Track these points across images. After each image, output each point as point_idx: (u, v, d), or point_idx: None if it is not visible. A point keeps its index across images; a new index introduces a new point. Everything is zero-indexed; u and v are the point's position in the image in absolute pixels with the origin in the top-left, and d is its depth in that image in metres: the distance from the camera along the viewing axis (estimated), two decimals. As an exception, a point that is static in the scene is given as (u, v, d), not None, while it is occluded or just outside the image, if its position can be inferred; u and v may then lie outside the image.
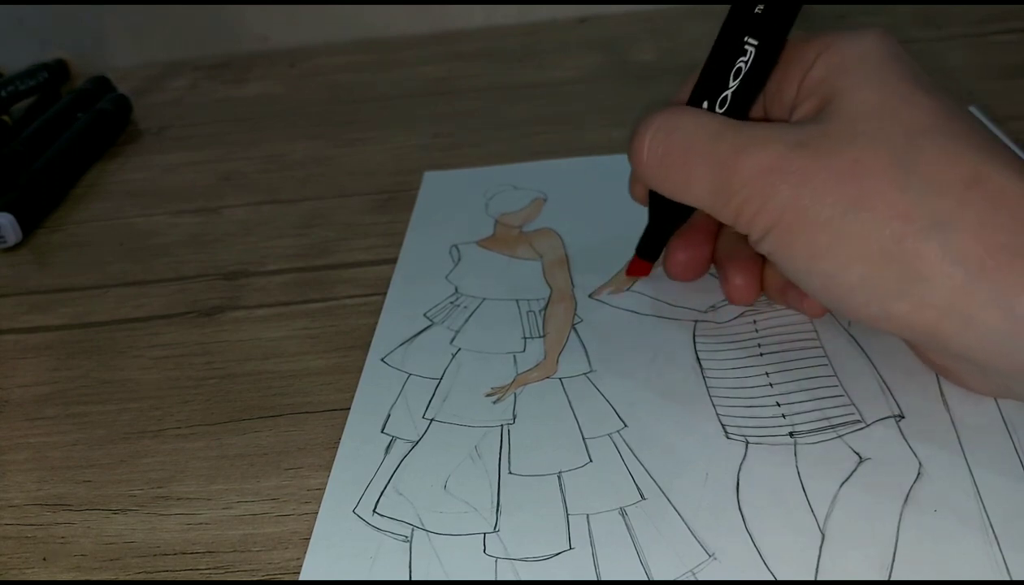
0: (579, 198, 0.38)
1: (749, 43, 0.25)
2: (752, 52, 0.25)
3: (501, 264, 0.35)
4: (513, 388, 0.28)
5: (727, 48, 0.25)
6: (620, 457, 0.25)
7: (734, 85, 0.25)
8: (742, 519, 0.23)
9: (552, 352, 0.30)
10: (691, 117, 0.25)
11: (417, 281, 0.34)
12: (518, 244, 0.36)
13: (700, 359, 0.28)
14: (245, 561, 0.24)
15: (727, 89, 0.26)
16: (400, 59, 0.57)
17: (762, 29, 0.25)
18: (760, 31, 0.25)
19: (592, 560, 0.23)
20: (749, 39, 0.25)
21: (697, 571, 0.22)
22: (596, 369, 0.29)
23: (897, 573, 0.21)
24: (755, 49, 0.25)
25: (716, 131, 0.24)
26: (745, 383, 0.27)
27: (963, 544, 0.22)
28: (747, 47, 0.25)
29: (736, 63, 0.25)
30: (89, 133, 0.49)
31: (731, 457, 0.25)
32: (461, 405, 0.28)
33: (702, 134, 0.24)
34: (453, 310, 0.32)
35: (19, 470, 0.28)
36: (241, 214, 0.42)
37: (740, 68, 0.25)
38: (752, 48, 0.25)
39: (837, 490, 0.23)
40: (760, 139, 0.23)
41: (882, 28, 0.25)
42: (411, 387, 0.29)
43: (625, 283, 0.32)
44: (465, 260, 0.35)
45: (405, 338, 0.31)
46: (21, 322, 0.36)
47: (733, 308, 0.30)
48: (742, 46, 0.25)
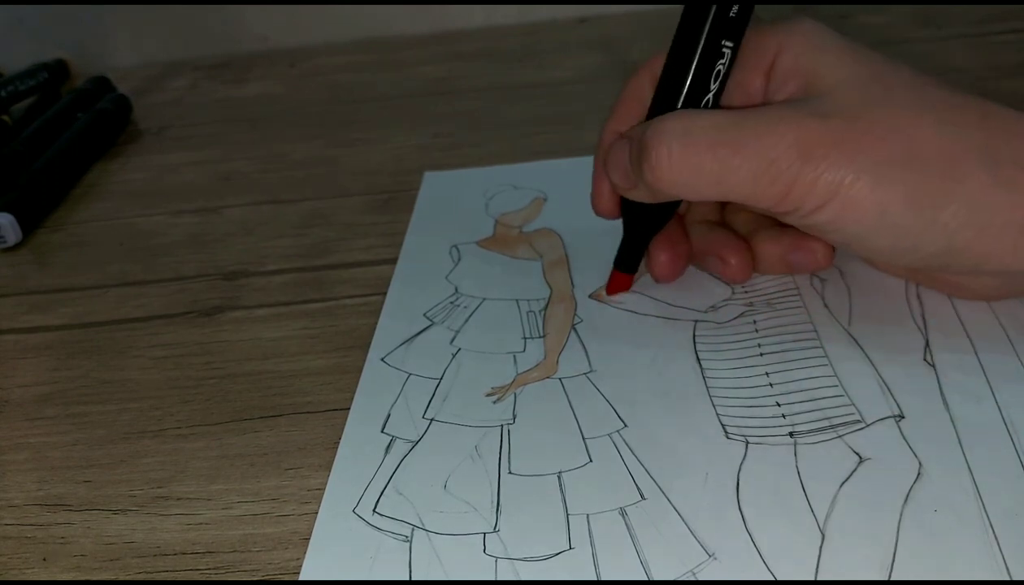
0: (579, 198, 0.37)
1: (726, 46, 0.26)
2: (729, 54, 0.26)
3: (501, 264, 0.35)
4: (513, 388, 0.28)
5: (705, 53, 0.26)
6: (620, 457, 0.25)
7: (715, 87, 0.26)
8: (742, 519, 0.23)
9: (552, 352, 0.30)
10: (699, 117, 0.25)
11: (417, 281, 0.34)
12: (518, 244, 0.36)
13: (700, 359, 0.28)
14: (245, 561, 0.24)
15: (709, 92, 0.26)
16: (400, 59, 0.57)
17: (736, 31, 0.26)
18: (735, 33, 0.26)
19: (592, 560, 0.23)
20: (726, 42, 0.26)
21: (697, 571, 0.22)
22: (596, 369, 0.29)
23: (897, 573, 0.21)
24: (731, 50, 0.26)
25: (733, 122, 0.25)
26: (745, 383, 0.27)
27: (963, 544, 0.22)
28: (724, 49, 0.26)
29: (716, 66, 0.26)
30: (89, 133, 0.49)
31: (731, 457, 0.25)
32: (461, 405, 0.28)
33: (721, 128, 0.25)
34: (453, 310, 0.32)
35: (19, 470, 0.28)
36: (241, 214, 0.42)
37: (720, 70, 0.26)
38: (729, 50, 0.26)
39: (837, 490, 0.23)
40: (786, 118, 0.24)
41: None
42: (411, 387, 0.29)
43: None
44: (465, 260, 0.35)
45: (405, 338, 0.31)
46: (21, 322, 0.36)
47: (733, 308, 0.30)
48: (720, 49, 0.26)
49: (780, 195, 0.24)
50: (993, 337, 0.28)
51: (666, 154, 0.25)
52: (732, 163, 0.24)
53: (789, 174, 0.24)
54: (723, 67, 0.26)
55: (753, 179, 0.24)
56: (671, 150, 0.25)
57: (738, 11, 0.26)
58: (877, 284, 0.30)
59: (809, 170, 0.23)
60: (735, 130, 0.24)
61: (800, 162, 0.23)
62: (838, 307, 0.30)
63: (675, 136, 0.25)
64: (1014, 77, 0.44)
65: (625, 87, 0.30)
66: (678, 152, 0.25)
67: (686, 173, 0.25)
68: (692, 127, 0.25)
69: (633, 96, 0.29)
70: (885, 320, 0.29)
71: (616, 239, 0.31)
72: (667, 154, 0.25)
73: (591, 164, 0.31)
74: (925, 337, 0.28)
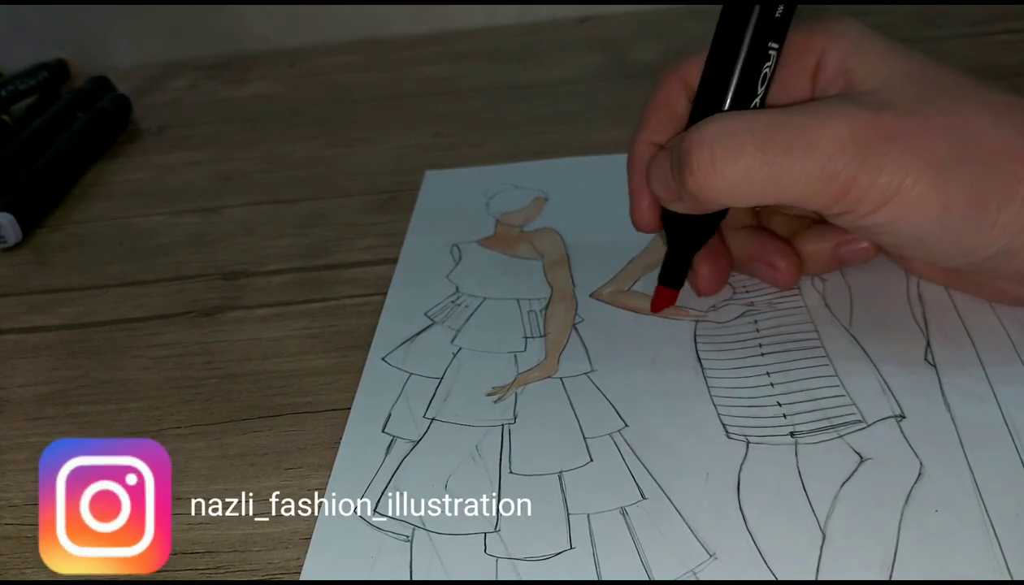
0: (580, 198, 0.37)
1: (772, 47, 0.25)
2: (774, 56, 0.25)
3: (502, 263, 0.35)
4: (514, 388, 0.28)
5: (751, 55, 0.25)
6: (621, 457, 0.25)
7: (761, 91, 0.25)
8: (743, 519, 0.23)
9: (553, 352, 0.30)
10: (742, 117, 0.24)
11: (418, 280, 0.34)
12: (519, 243, 0.36)
13: (701, 359, 0.28)
14: (245, 561, 0.24)
15: (756, 97, 0.25)
16: (400, 59, 0.57)
17: (781, 32, 0.25)
18: (779, 34, 0.25)
19: (593, 560, 0.23)
20: (772, 43, 0.25)
21: (698, 570, 0.22)
22: (597, 369, 0.29)
23: (898, 573, 0.21)
24: (776, 52, 0.25)
25: (783, 120, 0.23)
26: (746, 383, 0.27)
27: (964, 544, 0.22)
28: (771, 51, 0.25)
29: (762, 69, 0.25)
30: (89, 133, 0.49)
31: (732, 457, 0.25)
32: (462, 405, 0.28)
33: (769, 126, 0.23)
34: (454, 309, 0.32)
35: (19, 470, 0.28)
36: (241, 214, 0.42)
37: (766, 73, 0.25)
38: (775, 52, 0.25)
39: (838, 490, 0.23)
40: (838, 112, 0.23)
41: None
42: (412, 386, 0.29)
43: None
44: (466, 259, 0.35)
45: (406, 337, 0.31)
46: (21, 322, 0.36)
47: (734, 308, 0.30)
48: (766, 51, 0.25)
49: (836, 196, 0.23)
50: (995, 338, 0.27)
51: (708, 159, 0.23)
52: (783, 163, 0.23)
53: (847, 173, 0.22)
54: (769, 70, 0.25)
55: (807, 180, 0.23)
56: (714, 154, 0.23)
57: (783, 11, 0.24)
58: (878, 284, 0.30)
59: (868, 169, 0.22)
60: (784, 128, 0.23)
61: (858, 160, 0.22)
62: (839, 307, 0.30)
63: (718, 139, 0.23)
64: (1014, 77, 0.44)
65: (654, 95, 0.28)
66: (722, 156, 0.23)
67: (733, 178, 0.23)
68: (737, 128, 0.23)
69: (664, 105, 0.28)
70: (886, 320, 0.29)
71: (617, 239, 0.31)
72: (710, 159, 0.23)
73: (593, 164, 0.31)
74: (926, 337, 0.28)
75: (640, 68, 0.51)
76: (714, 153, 0.23)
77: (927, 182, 0.22)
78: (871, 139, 0.22)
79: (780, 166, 0.23)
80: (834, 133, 0.22)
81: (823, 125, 0.23)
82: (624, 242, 0.32)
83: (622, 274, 0.33)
